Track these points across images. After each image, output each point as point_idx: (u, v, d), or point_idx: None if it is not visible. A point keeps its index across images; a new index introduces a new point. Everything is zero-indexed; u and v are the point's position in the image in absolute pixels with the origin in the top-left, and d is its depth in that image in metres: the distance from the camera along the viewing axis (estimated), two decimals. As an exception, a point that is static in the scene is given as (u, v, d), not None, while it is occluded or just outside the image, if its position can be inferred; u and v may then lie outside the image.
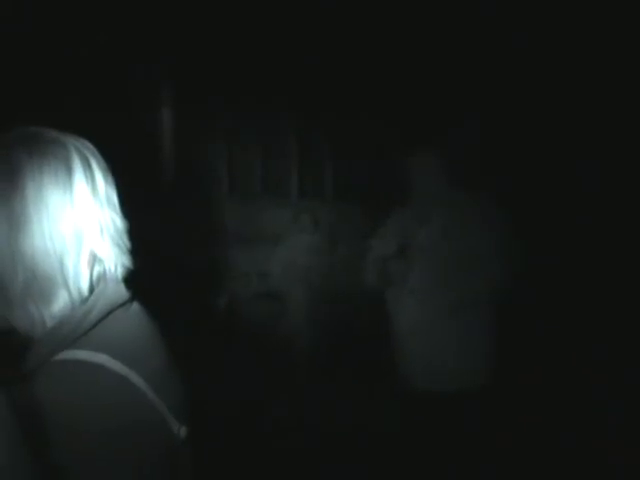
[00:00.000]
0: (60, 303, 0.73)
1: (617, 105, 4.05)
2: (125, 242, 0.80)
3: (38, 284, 0.72)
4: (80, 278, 0.75)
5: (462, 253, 2.12)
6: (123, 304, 0.77)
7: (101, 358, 0.69)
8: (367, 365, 3.94)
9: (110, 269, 0.78)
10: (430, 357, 2.27)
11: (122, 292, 0.78)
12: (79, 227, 0.75)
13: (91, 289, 0.76)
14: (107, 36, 3.77)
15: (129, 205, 0.81)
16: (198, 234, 5.00)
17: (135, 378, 0.70)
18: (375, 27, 4.07)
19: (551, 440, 3.27)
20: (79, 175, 0.75)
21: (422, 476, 2.57)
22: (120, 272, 0.79)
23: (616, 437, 3.21)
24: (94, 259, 0.76)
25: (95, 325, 0.73)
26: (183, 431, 0.75)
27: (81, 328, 0.72)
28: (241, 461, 2.96)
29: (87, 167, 0.76)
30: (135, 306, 0.80)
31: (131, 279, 0.79)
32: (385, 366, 2.47)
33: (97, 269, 0.77)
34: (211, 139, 5.60)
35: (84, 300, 0.74)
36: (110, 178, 0.80)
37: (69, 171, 0.74)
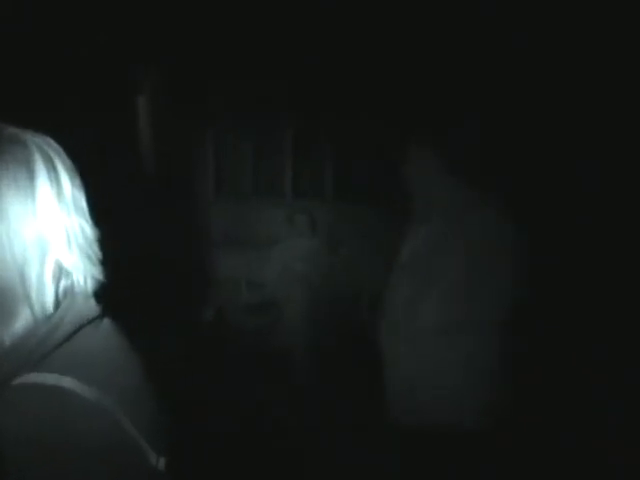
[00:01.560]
0: (21, 320, 0.65)
1: (617, 105, 4.00)
2: (95, 252, 0.71)
3: None
4: (44, 292, 0.66)
5: (464, 262, 1.94)
6: (92, 320, 0.68)
7: (67, 382, 0.61)
8: (368, 390, 3.70)
9: (78, 282, 0.69)
10: (427, 383, 2.01)
11: (92, 307, 0.70)
12: (43, 236, 0.66)
13: (57, 304, 0.67)
14: (94, 29, 3.56)
15: (105, 209, 0.72)
16: (183, 238, 4.52)
17: (107, 404, 0.62)
18: (375, 26, 3.99)
19: (551, 440, 3.20)
20: (42, 178, 0.66)
21: (422, 475, 2.54)
22: (90, 285, 0.70)
23: (616, 437, 3.15)
24: (60, 271, 0.68)
25: (61, 344, 0.64)
26: (161, 463, 0.66)
27: (44, 348, 0.63)
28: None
29: (51, 168, 0.67)
30: (106, 323, 0.71)
31: (102, 292, 0.70)
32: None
33: (63, 282, 0.68)
34: (197, 134, 5.12)
35: (48, 317, 0.65)
36: (77, 180, 0.71)
37: (30, 173, 0.65)
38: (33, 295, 0.65)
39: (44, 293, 0.66)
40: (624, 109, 4.02)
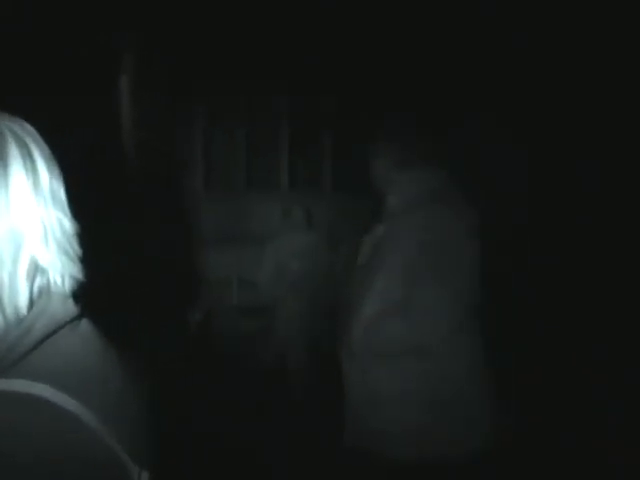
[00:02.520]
0: None
1: (617, 105, 3.96)
2: (74, 248, 0.64)
3: None
4: (17, 292, 0.60)
5: (415, 264, 1.72)
6: (69, 323, 0.62)
7: (41, 389, 0.55)
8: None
9: (55, 281, 0.62)
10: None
11: (69, 308, 0.63)
12: (16, 230, 0.59)
13: (30, 305, 0.61)
14: (74, 10, 3.31)
15: (85, 201, 0.65)
16: (170, 235, 4.11)
17: (84, 413, 0.56)
18: (375, 26, 3.93)
19: (551, 440, 3.16)
20: (16, 166, 0.60)
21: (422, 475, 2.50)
22: (68, 284, 0.63)
23: (616, 437, 3.12)
24: (35, 269, 0.61)
25: (34, 348, 0.58)
26: (144, 478, 0.59)
27: (15, 353, 0.57)
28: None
29: (27, 156, 0.61)
30: (84, 325, 0.65)
31: (81, 292, 0.63)
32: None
33: (38, 281, 0.61)
34: (186, 122, 4.69)
35: (21, 319, 0.59)
36: (56, 169, 0.64)
37: (3, 161, 0.59)
38: (4, 295, 0.59)
39: (17, 293, 0.59)
40: (624, 110, 3.98)
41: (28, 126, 0.63)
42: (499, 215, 4.03)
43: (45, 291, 0.62)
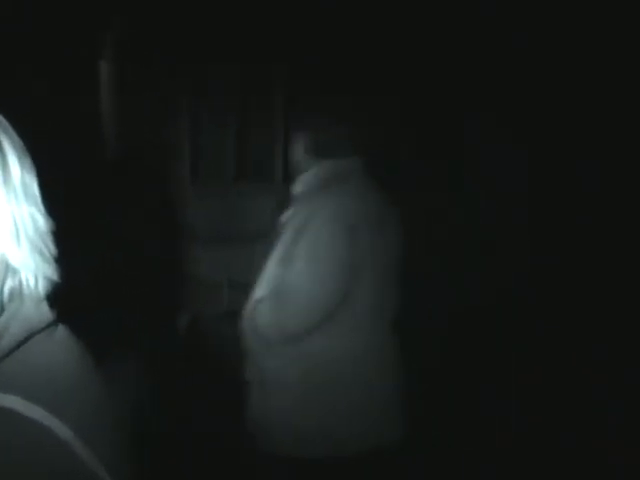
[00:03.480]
0: None
1: (617, 105, 3.93)
2: (49, 247, 0.59)
3: None
4: None
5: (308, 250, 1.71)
6: (44, 328, 0.57)
7: (12, 401, 0.50)
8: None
9: (28, 283, 0.57)
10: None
11: (44, 313, 0.58)
12: None
13: (1, 310, 0.56)
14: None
15: (59, 197, 0.60)
16: (152, 232, 3.79)
17: (58, 427, 0.51)
18: (374, 26, 3.89)
19: (551, 440, 3.13)
20: None
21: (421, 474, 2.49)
22: (42, 286, 0.58)
23: (616, 437, 3.09)
24: (5, 269, 0.56)
25: (6, 357, 0.53)
26: None
27: None
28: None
29: None
30: (60, 331, 0.60)
31: (56, 295, 0.59)
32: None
33: (9, 283, 0.56)
34: (170, 108, 4.25)
35: None
36: (28, 162, 0.59)
37: None
38: None
39: None
40: (623, 110, 3.95)
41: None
42: (499, 215, 4.04)
43: (17, 294, 0.57)
